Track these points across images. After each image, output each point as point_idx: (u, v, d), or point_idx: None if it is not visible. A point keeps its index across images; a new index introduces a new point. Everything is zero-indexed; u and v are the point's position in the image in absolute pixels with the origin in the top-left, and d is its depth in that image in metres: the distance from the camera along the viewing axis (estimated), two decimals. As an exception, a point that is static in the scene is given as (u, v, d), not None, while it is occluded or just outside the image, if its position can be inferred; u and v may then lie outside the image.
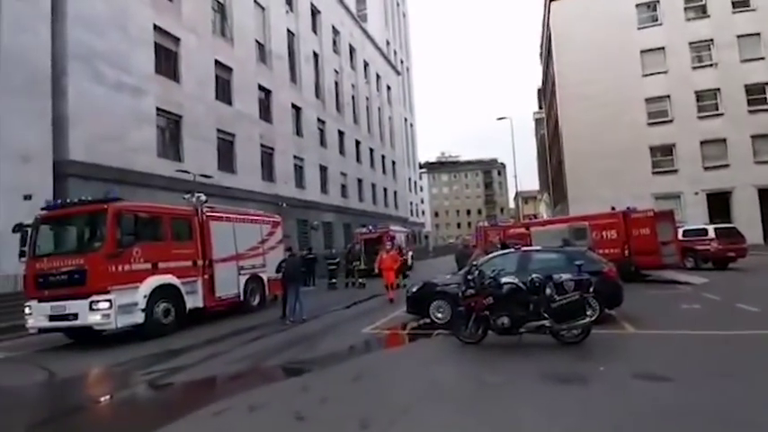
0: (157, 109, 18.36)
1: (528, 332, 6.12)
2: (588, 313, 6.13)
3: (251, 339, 8.49)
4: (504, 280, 6.34)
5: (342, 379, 5.39)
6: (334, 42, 37.02)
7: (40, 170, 13.79)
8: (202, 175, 17.31)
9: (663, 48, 30.82)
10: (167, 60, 19.44)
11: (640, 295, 10.28)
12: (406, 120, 61.65)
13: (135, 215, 8.71)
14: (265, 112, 26.57)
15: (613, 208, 14.09)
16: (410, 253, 26.13)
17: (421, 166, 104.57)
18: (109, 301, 8.00)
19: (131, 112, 16.95)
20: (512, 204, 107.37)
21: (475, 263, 7.51)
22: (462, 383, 5.05)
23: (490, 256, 8.39)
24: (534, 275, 6.42)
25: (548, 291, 6.06)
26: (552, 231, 12.37)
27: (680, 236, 14.90)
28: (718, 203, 28.32)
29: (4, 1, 13.07)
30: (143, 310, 8.50)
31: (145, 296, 8.57)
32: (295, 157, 29.32)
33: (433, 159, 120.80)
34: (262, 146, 25.63)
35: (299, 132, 30.28)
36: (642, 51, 30.97)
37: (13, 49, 13.22)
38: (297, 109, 30.25)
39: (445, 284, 8.01)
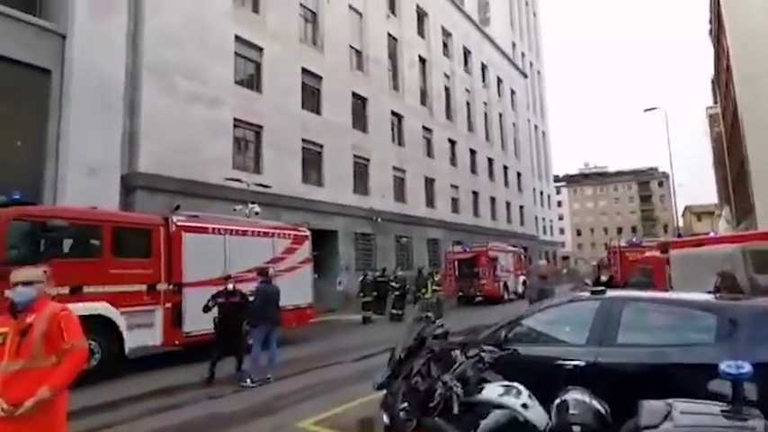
0: (235, 120, 17.87)
1: None
2: None
3: (163, 408, 5.97)
4: (491, 393, 2.44)
5: None
6: (445, 45, 34.31)
7: (106, 182, 13.80)
8: (259, 185, 16.00)
9: None
10: (248, 70, 19.04)
11: None
12: (536, 127, 55.42)
13: (43, 224, 6.70)
14: (360, 120, 25.01)
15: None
16: (521, 278, 21.54)
17: (559, 179, 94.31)
18: None
19: (206, 124, 16.59)
20: (680, 221, 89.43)
21: (498, 326, 3.96)
22: None
23: (539, 307, 4.42)
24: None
25: None
26: (710, 256, 7.25)
27: None
28: None
29: (78, 19, 13.50)
30: None
31: None
32: (395, 168, 27.14)
33: (574, 171, 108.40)
34: (355, 156, 24.01)
35: (400, 142, 28.10)
36: None
37: (87, 65, 13.53)
38: (398, 117, 28.18)
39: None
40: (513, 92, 46.61)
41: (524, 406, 2.18)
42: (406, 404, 2.33)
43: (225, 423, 5.27)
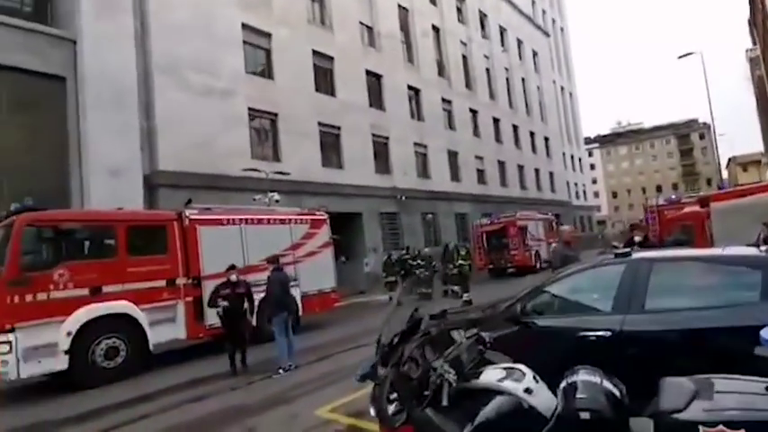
0: (249, 109, 17.81)
1: None
2: None
3: (188, 399, 6.03)
4: (491, 378, 2.13)
5: None
6: (459, 10, 32.99)
7: (130, 183, 14.09)
8: (277, 173, 15.93)
9: None
10: (258, 58, 18.86)
11: None
12: (563, 88, 52.99)
13: (55, 228, 6.88)
14: (376, 98, 24.52)
15: None
16: (552, 245, 20.84)
17: (591, 141, 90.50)
18: (5, 343, 6.13)
19: (221, 116, 16.60)
20: (725, 174, 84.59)
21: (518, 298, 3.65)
22: None
23: (566, 272, 4.03)
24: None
25: None
26: (752, 206, 6.50)
27: None
28: None
29: (85, 22, 13.60)
30: (67, 352, 6.51)
31: (69, 333, 6.57)
32: (416, 144, 26.60)
33: (606, 131, 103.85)
34: (373, 135, 23.63)
35: (419, 116, 27.44)
36: None
37: (97, 67, 13.68)
38: (415, 91, 27.47)
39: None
40: (535, 53, 44.57)
41: (528, 391, 1.91)
42: (395, 395, 2.10)
43: (243, 413, 5.26)
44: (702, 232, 7.24)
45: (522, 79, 41.32)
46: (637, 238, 7.08)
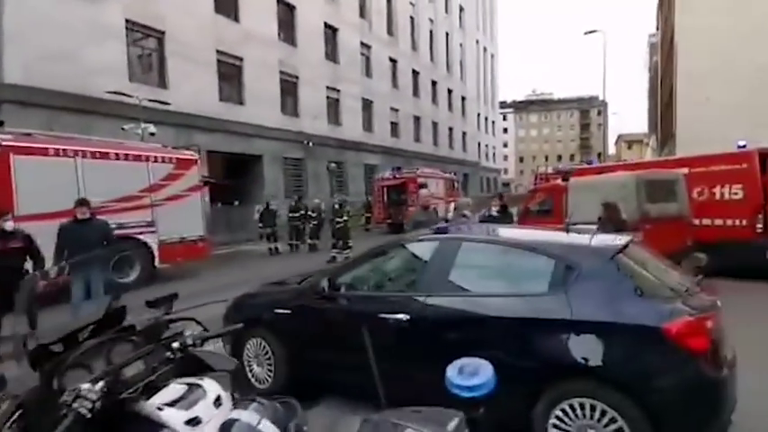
0: (128, 22, 15.22)
1: None
2: None
3: None
4: (160, 400, 1.42)
5: None
6: (387, -51, 30.94)
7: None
8: (154, 101, 14.04)
9: None
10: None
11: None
12: (485, 49, 53.46)
13: None
14: (288, 32, 22.51)
15: (744, 145, 8.19)
16: (452, 205, 21.49)
17: (507, 106, 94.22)
18: None
19: (90, 25, 13.97)
20: (612, 149, 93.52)
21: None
22: None
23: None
24: None
25: None
26: (605, 185, 6.70)
27: None
28: None
29: None
30: None
31: None
32: (328, 88, 25.22)
33: (522, 98, 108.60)
34: (282, 73, 21.86)
35: (334, 59, 25.87)
36: None
37: None
38: (332, 30, 25.68)
39: (285, 296, 3.66)
40: (461, 9, 44.02)
41: (193, 422, 1.34)
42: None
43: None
44: (559, 206, 7.51)
45: (447, 34, 40.79)
46: (494, 208, 7.13)
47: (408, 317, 2.86)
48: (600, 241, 2.80)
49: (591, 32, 27.75)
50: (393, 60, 31.72)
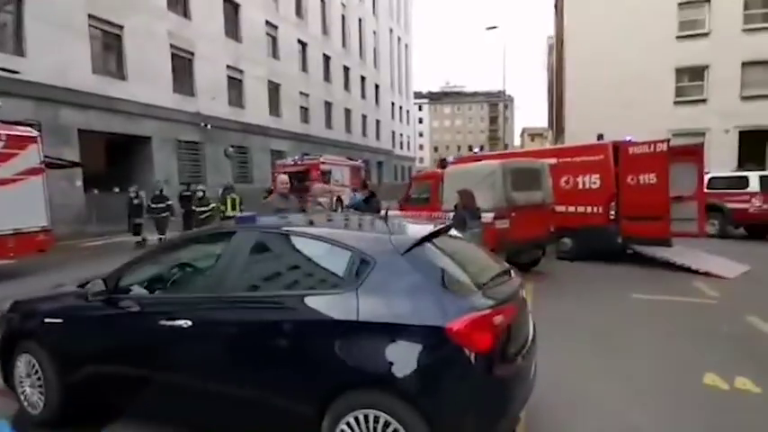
0: (-34, -27, 12.81)
1: None
2: None
3: None
4: None
5: None
6: (295, -75, 29.58)
7: None
8: (3, 69, 12.04)
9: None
10: None
11: (610, 312, 5.50)
12: (399, 39, 53.89)
13: None
14: (180, 1, 20.61)
15: (601, 136, 8.90)
16: (356, 193, 21.39)
17: (422, 96, 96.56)
18: None
19: None
20: (517, 141, 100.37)
21: None
22: None
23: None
24: None
25: None
26: (475, 173, 6.85)
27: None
28: (753, 144, 22.63)
29: None
30: None
31: None
32: (229, 67, 23.62)
33: (436, 89, 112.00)
34: (173, 47, 19.98)
35: (236, 36, 24.27)
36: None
37: None
38: (233, 5, 24.03)
39: (62, 303, 3.04)
40: (375, -5, 43.76)
41: None
42: None
43: None
44: (437, 194, 7.62)
45: (360, 20, 40.34)
46: (358, 195, 7.03)
47: (191, 323, 2.48)
48: (405, 231, 2.64)
49: (492, 28, 29.10)
50: (302, 43, 30.63)
